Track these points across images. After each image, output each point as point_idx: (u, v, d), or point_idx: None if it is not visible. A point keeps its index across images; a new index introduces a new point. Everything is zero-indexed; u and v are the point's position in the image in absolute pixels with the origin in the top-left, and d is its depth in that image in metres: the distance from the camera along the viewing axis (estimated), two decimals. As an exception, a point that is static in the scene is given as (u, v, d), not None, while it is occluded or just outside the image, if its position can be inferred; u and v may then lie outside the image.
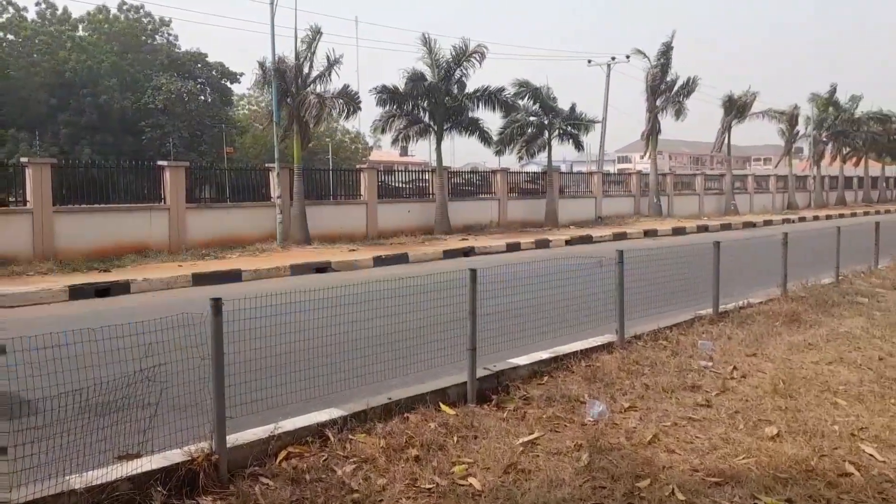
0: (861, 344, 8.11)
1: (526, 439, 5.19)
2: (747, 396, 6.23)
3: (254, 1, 53.69)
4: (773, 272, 11.36)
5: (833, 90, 47.95)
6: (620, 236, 25.80)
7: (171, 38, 35.03)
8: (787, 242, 11.32)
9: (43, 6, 32.16)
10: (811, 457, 4.87)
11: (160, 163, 19.46)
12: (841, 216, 37.30)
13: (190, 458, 4.34)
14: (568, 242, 23.74)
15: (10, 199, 16.47)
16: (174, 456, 4.38)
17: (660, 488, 4.40)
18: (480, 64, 25.19)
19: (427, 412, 5.65)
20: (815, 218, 37.00)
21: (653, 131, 35.34)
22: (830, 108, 47.99)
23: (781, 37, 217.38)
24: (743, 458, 4.85)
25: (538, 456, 4.92)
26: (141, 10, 33.80)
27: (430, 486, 4.47)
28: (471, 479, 4.56)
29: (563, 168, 53.51)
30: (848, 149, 51.52)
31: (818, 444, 5.08)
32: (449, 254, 19.44)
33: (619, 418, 5.70)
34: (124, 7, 33.46)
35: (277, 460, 4.72)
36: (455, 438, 5.23)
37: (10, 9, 30.75)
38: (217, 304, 4.46)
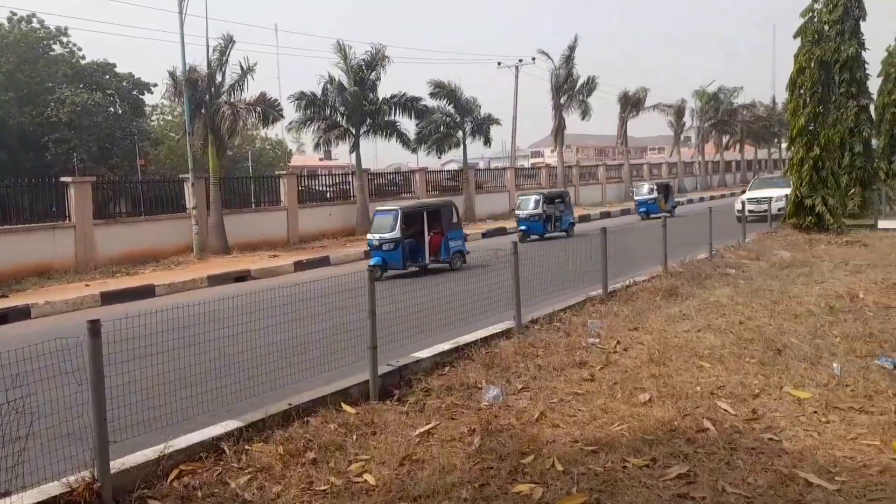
0: (726, 311, 8.62)
1: (422, 430, 5.26)
2: (627, 367, 6.54)
3: (163, 11, 51.75)
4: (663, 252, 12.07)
5: (708, 87, 53.08)
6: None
7: (73, 48, 33.26)
8: (665, 224, 12.25)
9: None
10: (675, 417, 5.20)
11: (63, 179, 18.57)
12: (722, 196, 42.85)
13: (69, 489, 4.17)
14: (484, 235, 24.69)
15: None
16: (51, 489, 4.17)
17: (542, 461, 4.57)
18: (385, 69, 25.75)
19: (328, 414, 5.60)
20: (701, 199, 41.76)
21: (559, 127, 37.69)
22: (712, 101, 53.70)
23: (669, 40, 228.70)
24: (618, 426, 5.13)
25: (433, 445, 4.99)
26: (34, 20, 31.90)
27: (325, 488, 4.46)
28: (366, 476, 4.57)
29: (482, 165, 56.94)
30: (728, 136, 59.68)
31: (682, 406, 5.42)
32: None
33: (513, 400, 5.84)
34: (15, 18, 31.70)
35: (168, 480, 4.58)
36: (354, 437, 5.22)
37: None
38: (95, 325, 4.28)
